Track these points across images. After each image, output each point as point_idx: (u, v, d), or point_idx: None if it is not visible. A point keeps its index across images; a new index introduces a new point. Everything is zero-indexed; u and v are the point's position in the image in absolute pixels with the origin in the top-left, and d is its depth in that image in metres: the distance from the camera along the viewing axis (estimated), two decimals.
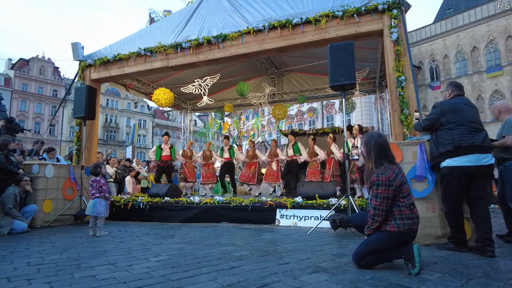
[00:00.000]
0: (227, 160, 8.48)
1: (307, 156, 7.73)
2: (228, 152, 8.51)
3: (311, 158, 7.70)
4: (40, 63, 39.46)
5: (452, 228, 3.15)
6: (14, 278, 2.36)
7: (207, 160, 8.70)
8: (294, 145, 7.95)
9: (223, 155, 8.53)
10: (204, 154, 8.78)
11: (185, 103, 12.19)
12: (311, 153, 7.71)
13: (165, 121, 50.45)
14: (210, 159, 8.72)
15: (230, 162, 8.56)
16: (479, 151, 2.99)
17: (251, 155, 8.29)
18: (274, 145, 8.43)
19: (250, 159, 8.30)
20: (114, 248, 3.54)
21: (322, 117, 29.06)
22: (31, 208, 5.20)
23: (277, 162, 8.05)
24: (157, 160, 8.15)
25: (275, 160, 8.05)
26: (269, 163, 8.16)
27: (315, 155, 7.66)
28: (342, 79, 4.59)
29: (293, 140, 8.07)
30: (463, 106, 3.15)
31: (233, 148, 8.68)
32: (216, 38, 6.35)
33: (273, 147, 8.35)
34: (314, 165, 7.68)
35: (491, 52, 27.17)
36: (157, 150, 8.16)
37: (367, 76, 9.34)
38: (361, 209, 4.64)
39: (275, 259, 2.88)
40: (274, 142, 8.57)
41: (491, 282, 2.14)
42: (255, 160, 8.27)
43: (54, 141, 36.65)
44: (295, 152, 7.87)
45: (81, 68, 7.61)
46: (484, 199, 3.10)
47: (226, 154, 8.50)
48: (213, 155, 8.77)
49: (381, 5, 5.29)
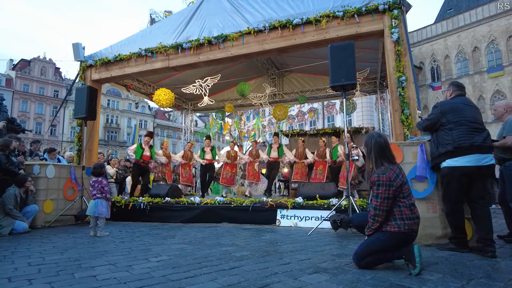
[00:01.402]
0: (209, 161, 8.28)
1: (293, 158, 7.79)
2: (210, 153, 8.32)
3: (300, 160, 7.76)
4: (41, 64, 39.56)
5: (453, 229, 3.15)
6: (15, 278, 2.36)
7: (188, 160, 8.47)
8: (279, 147, 7.96)
9: (204, 156, 8.31)
10: (185, 154, 8.51)
11: (186, 103, 12.20)
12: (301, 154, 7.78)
13: (166, 122, 50.50)
14: (191, 160, 8.52)
15: (211, 164, 8.36)
16: (479, 151, 2.98)
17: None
18: (254, 146, 8.51)
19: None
20: (114, 248, 3.54)
21: (323, 117, 29.04)
22: (32, 209, 5.21)
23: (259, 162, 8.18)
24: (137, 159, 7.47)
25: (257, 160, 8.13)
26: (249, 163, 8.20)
27: (305, 157, 7.73)
28: (342, 80, 4.59)
29: (278, 142, 8.08)
30: (463, 106, 3.14)
31: (215, 149, 8.49)
32: (217, 38, 6.36)
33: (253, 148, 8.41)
34: (301, 166, 7.74)
35: (492, 52, 27.10)
36: (138, 149, 7.54)
37: (368, 76, 9.33)
38: (361, 209, 4.64)
39: (275, 259, 2.88)
40: (255, 143, 8.64)
41: (492, 282, 2.13)
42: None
43: (55, 141, 36.73)
44: (280, 154, 7.91)
45: (82, 69, 7.61)
46: (485, 199, 3.09)
47: (209, 156, 8.30)
48: (193, 156, 8.54)
49: (381, 5, 5.28)
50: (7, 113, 7.44)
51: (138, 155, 7.46)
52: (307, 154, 7.72)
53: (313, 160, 7.60)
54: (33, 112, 38.00)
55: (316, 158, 7.56)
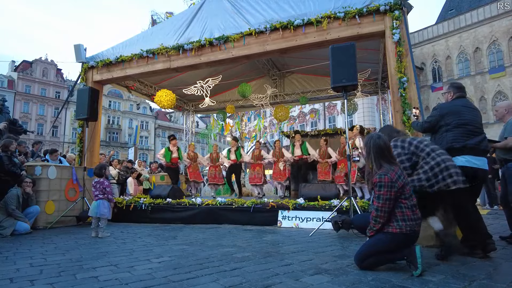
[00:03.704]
0: (233, 162, 8.41)
1: (318, 156, 7.74)
2: (234, 154, 8.42)
3: (323, 159, 7.70)
4: (43, 65, 39.71)
5: (464, 230, 3.06)
6: (16, 279, 2.37)
7: (214, 162, 8.60)
8: (302, 145, 7.95)
9: (230, 157, 8.45)
10: (212, 156, 8.68)
11: (187, 104, 12.20)
12: (324, 154, 7.71)
13: (168, 123, 50.56)
14: (217, 161, 8.64)
15: (237, 164, 8.51)
16: (472, 153, 2.98)
17: (257, 156, 8.28)
18: (278, 145, 8.44)
19: (255, 159, 8.29)
20: (116, 249, 3.55)
21: (324, 118, 29.02)
22: (34, 209, 5.22)
23: (284, 162, 8.09)
24: (167, 162, 8.06)
25: (282, 160, 8.07)
26: (275, 163, 8.16)
27: (328, 157, 7.67)
28: (344, 80, 4.59)
29: (300, 140, 8.07)
30: (463, 109, 3.14)
31: (240, 150, 8.58)
32: (218, 39, 6.36)
33: (277, 148, 8.36)
34: (326, 166, 7.67)
35: (494, 53, 27.03)
36: (166, 152, 8.07)
37: (369, 77, 9.31)
38: (363, 210, 4.63)
39: (277, 260, 2.88)
40: (278, 142, 8.57)
41: (494, 284, 2.13)
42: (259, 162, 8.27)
43: (57, 142, 36.79)
44: (304, 152, 7.87)
45: (84, 70, 7.64)
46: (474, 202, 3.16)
47: (233, 156, 8.41)
48: (220, 156, 8.70)
49: (382, 6, 5.28)
50: (9, 114, 7.49)
51: (167, 158, 7.95)
52: (330, 153, 7.65)
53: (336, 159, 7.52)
54: (35, 113, 38.14)
55: (338, 156, 7.45)
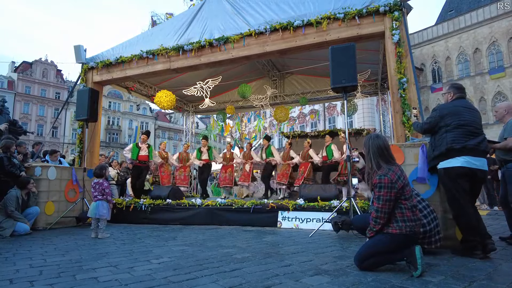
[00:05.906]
0: (206, 161, 8.27)
1: (280, 159, 7.82)
2: (207, 153, 8.30)
3: (284, 161, 7.79)
4: (43, 66, 39.75)
5: (464, 231, 3.05)
6: (16, 280, 2.37)
7: (184, 162, 8.47)
8: (267, 148, 8.00)
9: (201, 157, 8.29)
10: (181, 156, 8.52)
11: (187, 105, 12.21)
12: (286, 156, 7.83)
13: (167, 123, 50.56)
14: (187, 161, 8.50)
15: (208, 164, 8.37)
16: (471, 154, 2.98)
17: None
18: (248, 148, 8.54)
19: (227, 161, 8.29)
20: (116, 250, 3.55)
21: (324, 119, 29.02)
22: (34, 210, 5.22)
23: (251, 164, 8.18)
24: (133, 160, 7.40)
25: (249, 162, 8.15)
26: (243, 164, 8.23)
27: (290, 158, 7.77)
28: (343, 81, 4.59)
29: (267, 144, 8.12)
30: (463, 109, 3.14)
31: (212, 149, 8.47)
32: (218, 40, 6.37)
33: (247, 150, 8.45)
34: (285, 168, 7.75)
35: (493, 54, 27.05)
36: (134, 148, 7.42)
37: (369, 78, 9.32)
38: (363, 211, 4.63)
39: (276, 261, 2.87)
40: (248, 145, 8.64)
41: (494, 284, 2.13)
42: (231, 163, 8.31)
43: (57, 143, 36.80)
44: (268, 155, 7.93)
45: (84, 71, 7.65)
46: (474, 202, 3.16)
47: (205, 156, 8.28)
48: (189, 157, 8.53)
49: (382, 7, 5.29)
50: (9, 115, 7.49)
51: (134, 155, 7.35)
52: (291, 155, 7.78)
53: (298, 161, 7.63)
54: (35, 114, 38.17)
55: (300, 160, 7.61)
